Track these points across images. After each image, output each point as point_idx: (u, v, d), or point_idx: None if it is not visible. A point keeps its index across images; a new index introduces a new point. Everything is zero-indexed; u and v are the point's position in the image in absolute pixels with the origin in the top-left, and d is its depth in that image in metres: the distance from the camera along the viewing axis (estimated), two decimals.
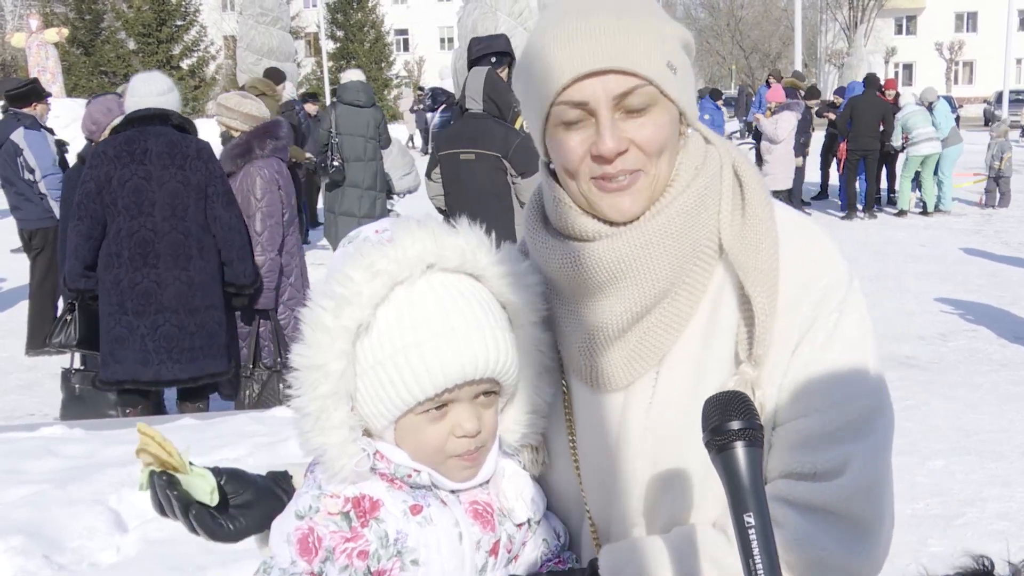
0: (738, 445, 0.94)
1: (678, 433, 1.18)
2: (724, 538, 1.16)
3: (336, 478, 1.17)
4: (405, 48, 53.34)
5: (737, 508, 0.93)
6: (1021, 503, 4.48)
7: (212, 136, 5.32)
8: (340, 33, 43.21)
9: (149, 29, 35.07)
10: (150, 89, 4.49)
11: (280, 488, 1.30)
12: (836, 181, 15.18)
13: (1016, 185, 15.05)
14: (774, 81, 16.97)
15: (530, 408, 1.26)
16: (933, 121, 13.68)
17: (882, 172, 14.64)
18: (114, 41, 35.94)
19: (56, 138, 7.64)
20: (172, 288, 4.37)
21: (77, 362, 5.11)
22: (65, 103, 17.16)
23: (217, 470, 1.26)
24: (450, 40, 47.56)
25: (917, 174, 13.95)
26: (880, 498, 1.18)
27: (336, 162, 9.01)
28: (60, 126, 10.00)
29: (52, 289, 7.24)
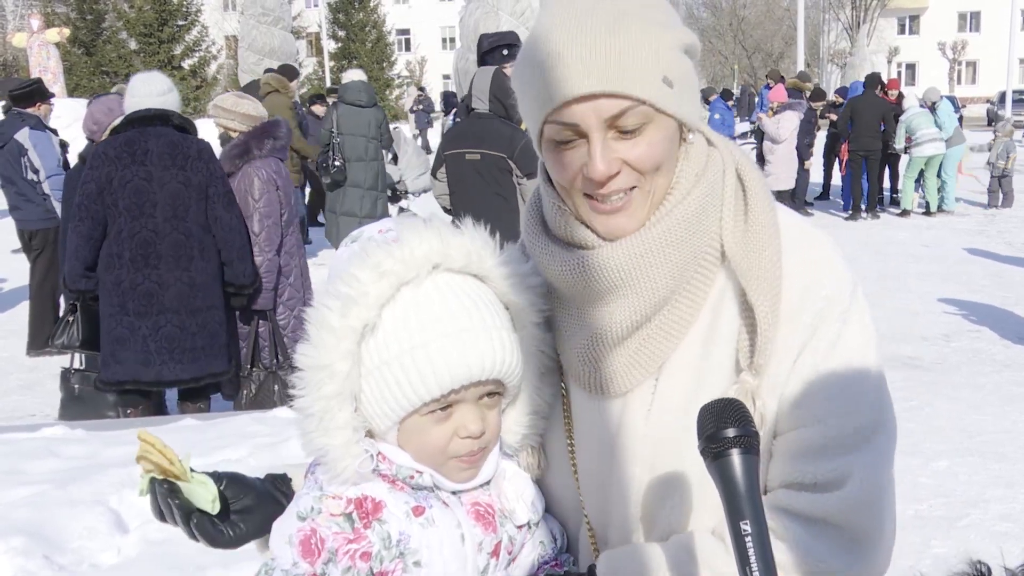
0: (734, 452, 0.94)
1: (676, 440, 1.17)
2: (722, 546, 1.15)
3: (338, 479, 1.16)
4: (407, 48, 53.38)
5: (733, 516, 0.93)
6: None
7: (212, 137, 5.31)
8: (342, 33, 43.22)
9: (150, 29, 35.08)
10: (150, 89, 4.48)
11: (280, 491, 1.29)
12: (839, 181, 15.16)
13: (1018, 185, 15.02)
14: (772, 81, 16.96)
15: (531, 409, 1.25)
16: (936, 121, 13.66)
17: (885, 172, 14.63)
18: (115, 41, 35.96)
19: (58, 139, 7.63)
20: (173, 289, 4.37)
21: (77, 362, 5.10)
22: (66, 103, 17.15)
23: (217, 475, 1.26)
24: (452, 40, 47.63)
25: (921, 173, 13.94)
26: (881, 510, 1.17)
27: (337, 162, 9.02)
28: (62, 126, 9.98)
29: (52, 289, 7.23)
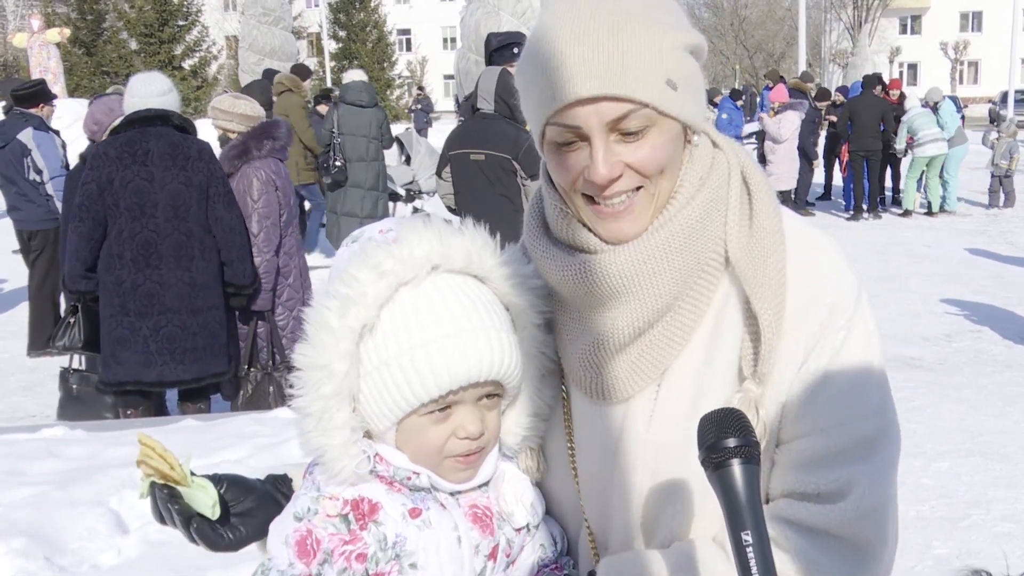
0: (734, 462, 0.93)
1: (679, 447, 1.16)
2: (724, 554, 1.14)
3: (335, 480, 1.16)
4: (407, 48, 53.40)
5: (734, 526, 0.92)
6: None
7: (212, 137, 5.30)
8: (342, 33, 43.21)
9: (151, 29, 35.07)
10: (150, 90, 4.47)
11: (280, 492, 1.29)
12: (839, 181, 15.14)
13: (1020, 185, 15.00)
14: (771, 82, 16.93)
15: (532, 411, 1.25)
16: (939, 121, 13.64)
17: (887, 172, 14.60)
18: (116, 41, 35.96)
19: (60, 140, 7.62)
20: (175, 289, 4.37)
21: (76, 363, 5.09)
22: (67, 103, 17.16)
23: (218, 477, 1.25)
24: (453, 40, 47.62)
25: (922, 174, 13.92)
26: (883, 522, 1.16)
27: (338, 162, 9.01)
28: (62, 126, 9.98)
29: (52, 290, 7.21)
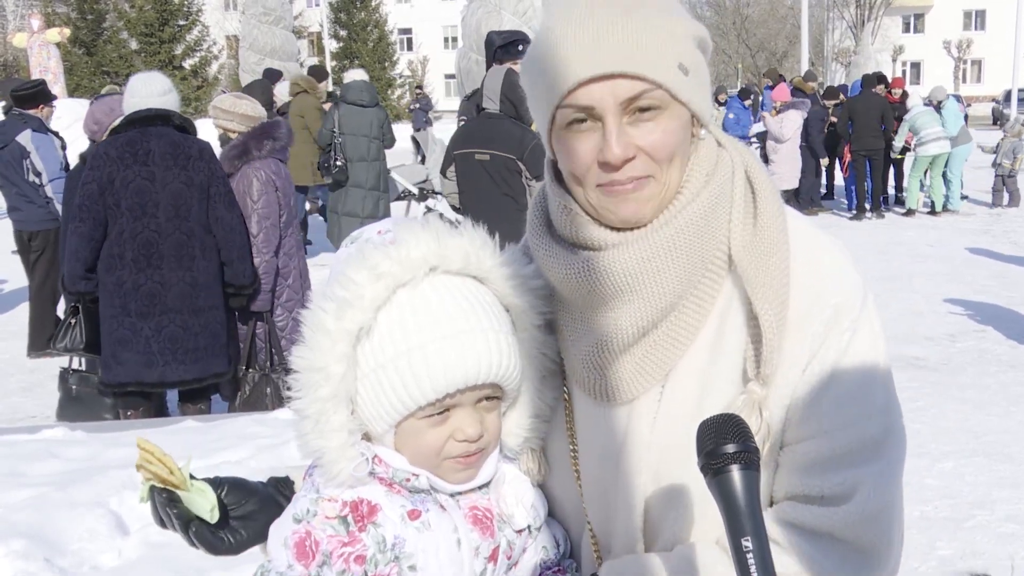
0: (734, 468, 0.93)
1: (682, 448, 1.15)
2: (726, 557, 1.13)
3: (334, 482, 1.16)
4: (408, 47, 53.40)
5: (734, 532, 0.92)
6: None
7: (211, 137, 5.29)
8: (343, 32, 43.23)
9: (151, 29, 35.09)
10: (151, 89, 4.46)
11: (282, 495, 1.28)
12: (841, 181, 15.12)
13: (1022, 185, 14.98)
14: (771, 81, 16.90)
15: (533, 412, 1.24)
16: (942, 121, 13.60)
17: (890, 171, 14.56)
18: (116, 41, 35.97)
19: (59, 141, 7.61)
20: (176, 289, 4.35)
21: (76, 363, 5.08)
22: (67, 103, 17.18)
23: (218, 481, 1.25)
24: (454, 39, 47.61)
25: (925, 173, 13.89)
26: (888, 525, 1.15)
27: (339, 162, 9.00)
28: (62, 127, 9.99)
29: (53, 291, 7.20)
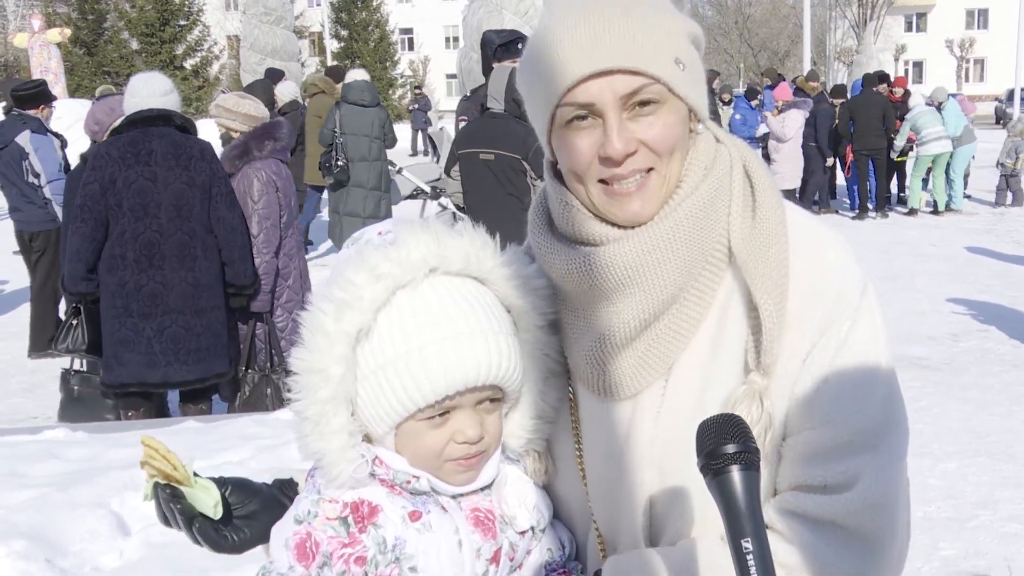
0: (734, 469, 0.93)
1: (686, 441, 1.13)
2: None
3: (335, 483, 1.16)
4: (410, 47, 53.35)
5: (734, 533, 0.91)
6: None
7: (212, 136, 5.28)
8: (344, 32, 43.21)
9: (152, 29, 35.05)
10: (152, 89, 4.45)
11: (286, 496, 1.28)
12: (842, 180, 15.10)
13: None
14: (768, 80, 16.88)
15: (535, 414, 1.24)
16: (943, 120, 13.57)
17: (893, 171, 14.52)
18: (117, 41, 35.94)
19: (59, 141, 7.60)
20: (178, 289, 4.35)
21: (77, 364, 5.08)
22: (68, 103, 17.21)
23: (223, 480, 1.25)
24: (455, 39, 47.61)
25: (928, 172, 13.87)
26: (892, 513, 1.14)
27: (341, 162, 8.99)
28: (63, 127, 10.02)
29: (54, 291, 7.21)
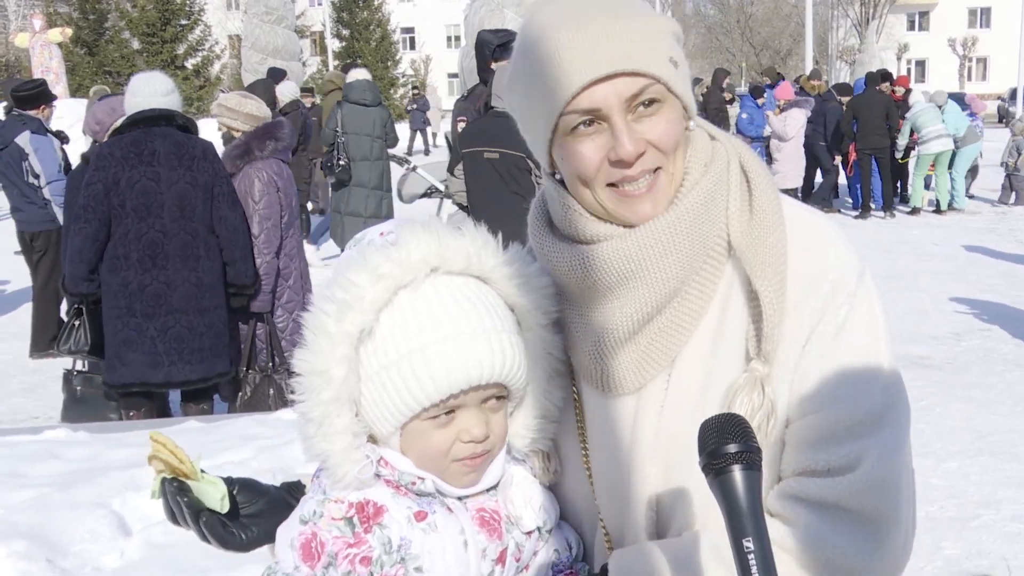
0: (735, 469, 0.93)
1: (690, 435, 1.13)
2: None
3: (340, 484, 1.16)
4: (411, 47, 53.31)
5: (736, 533, 0.92)
6: None
7: (213, 136, 5.27)
8: (345, 32, 43.21)
9: (153, 29, 35.04)
10: (154, 89, 4.44)
11: (294, 498, 1.28)
12: (843, 179, 15.07)
13: None
14: (768, 79, 16.87)
15: (540, 413, 1.24)
16: (943, 120, 13.54)
17: (896, 170, 14.47)
18: (118, 41, 35.92)
19: (57, 130, 7.60)
20: (182, 289, 4.35)
21: (80, 364, 5.07)
22: (69, 103, 17.23)
23: (230, 479, 1.26)
24: (457, 38, 47.61)
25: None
26: (895, 493, 1.15)
27: (342, 161, 8.98)
28: (64, 127, 10.02)
29: (56, 291, 7.20)
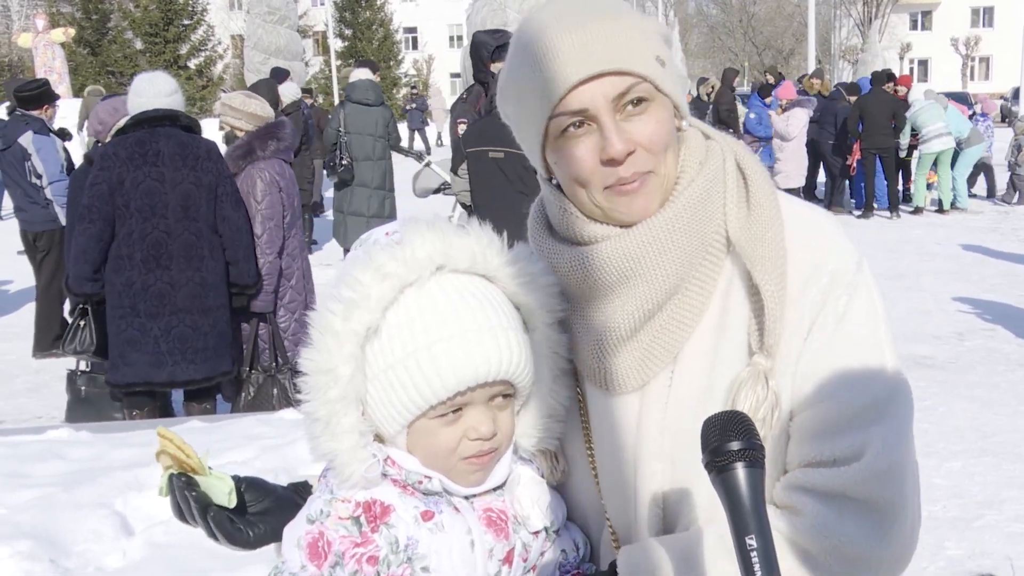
0: (738, 466, 0.93)
1: (695, 431, 1.13)
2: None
3: (346, 484, 1.16)
4: (414, 46, 53.33)
5: (739, 530, 0.92)
6: None
7: (215, 136, 5.27)
8: (348, 32, 43.25)
9: (156, 29, 35.11)
10: (157, 90, 4.44)
11: (301, 498, 1.28)
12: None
13: None
14: (772, 78, 16.85)
15: (546, 412, 1.24)
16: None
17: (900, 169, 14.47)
18: (121, 41, 36.00)
19: (60, 127, 7.60)
20: (186, 289, 4.35)
21: (83, 364, 5.07)
22: (72, 103, 17.25)
23: (237, 477, 1.26)
24: (459, 38, 47.59)
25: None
26: (901, 481, 1.15)
27: (345, 161, 8.98)
28: (67, 126, 10.02)
29: (59, 291, 7.21)
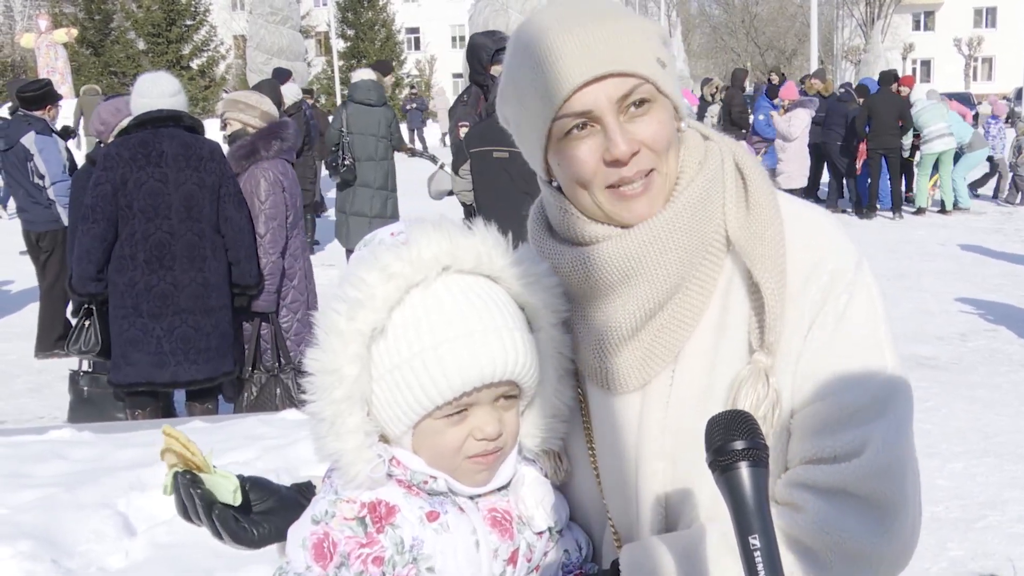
0: (742, 466, 0.93)
1: (696, 430, 1.13)
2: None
3: (352, 484, 1.16)
4: (416, 47, 53.34)
5: (742, 530, 0.92)
6: None
7: (216, 136, 5.26)
8: (351, 32, 43.27)
9: (159, 29, 35.16)
10: (160, 90, 4.44)
11: (305, 498, 1.28)
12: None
13: None
14: (777, 78, 16.84)
15: (551, 412, 1.24)
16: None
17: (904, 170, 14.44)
18: (123, 41, 36.04)
19: (63, 126, 7.60)
20: (189, 290, 4.35)
21: (86, 364, 5.07)
22: (73, 104, 17.25)
23: (242, 477, 1.26)
24: (462, 38, 47.59)
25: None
26: (902, 477, 1.15)
27: (347, 161, 8.98)
28: (68, 125, 10.03)
29: (62, 291, 7.21)
